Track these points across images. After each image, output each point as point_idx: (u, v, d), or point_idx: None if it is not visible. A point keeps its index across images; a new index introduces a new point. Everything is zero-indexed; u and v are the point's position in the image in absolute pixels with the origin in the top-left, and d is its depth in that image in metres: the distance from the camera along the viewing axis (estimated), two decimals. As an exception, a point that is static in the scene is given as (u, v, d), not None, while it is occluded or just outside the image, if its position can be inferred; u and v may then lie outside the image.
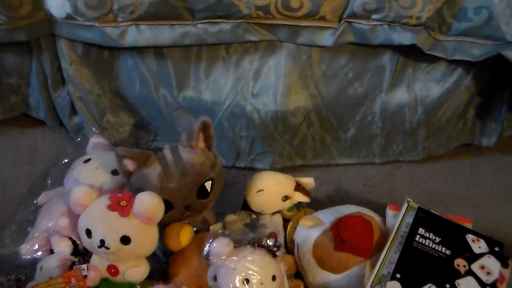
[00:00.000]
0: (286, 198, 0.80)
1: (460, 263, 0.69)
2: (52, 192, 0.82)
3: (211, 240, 0.68)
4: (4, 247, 0.77)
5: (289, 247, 0.80)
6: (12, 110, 1.01)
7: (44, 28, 0.84)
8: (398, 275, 0.67)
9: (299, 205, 0.85)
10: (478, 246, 0.72)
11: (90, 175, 0.78)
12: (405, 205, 0.76)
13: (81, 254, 0.71)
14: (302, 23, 0.81)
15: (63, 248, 0.70)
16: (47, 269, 0.68)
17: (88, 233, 0.66)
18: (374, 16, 0.80)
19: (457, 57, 0.84)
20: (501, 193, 0.98)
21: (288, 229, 0.82)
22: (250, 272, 0.64)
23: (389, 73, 0.90)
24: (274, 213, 0.82)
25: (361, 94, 0.92)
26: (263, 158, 0.98)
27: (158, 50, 0.87)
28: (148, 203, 0.66)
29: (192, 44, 0.84)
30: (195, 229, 0.76)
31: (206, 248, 0.68)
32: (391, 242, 0.71)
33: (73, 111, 0.97)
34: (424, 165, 1.03)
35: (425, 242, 0.71)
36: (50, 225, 0.75)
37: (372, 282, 0.66)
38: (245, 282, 0.64)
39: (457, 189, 0.99)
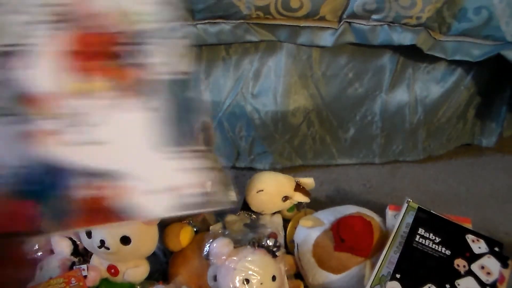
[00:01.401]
0: (286, 198, 0.80)
1: (460, 263, 0.69)
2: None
3: (211, 240, 0.68)
4: (4, 247, 0.77)
5: (289, 247, 0.80)
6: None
7: (44, 28, 0.84)
8: (398, 275, 0.67)
9: (299, 205, 0.85)
10: (478, 246, 0.72)
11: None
12: (405, 205, 0.76)
13: (81, 254, 0.71)
14: (302, 23, 0.81)
15: (63, 248, 0.70)
16: (47, 269, 0.68)
17: (88, 233, 0.66)
18: (374, 16, 0.80)
19: (457, 57, 0.84)
20: (501, 193, 0.98)
21: (288, 229, 0.82)
22: (250, 272, 0.64)
23: (389, 73, 0.90)
24: (274, 213, 0.82)
25: (361, 94, 0.92)
26: (263, 158, 0.98)
27: (158, 50, 0.87)
28: (148, 203, 0.66)
29: (192, 44, 0.84)
30: (195, 229, 0.76)
31: (206, 248, 0.68)
32: (391, 242, 0.71)
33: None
34: (424, 165, 1.03)
35: (425, 242, 0.71)
36: (50, 225, 0.75)
37: (372, 282, 0.66)
38: (245, 282, 0.64)
39: (457, 189, 0.99)
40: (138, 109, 0.32)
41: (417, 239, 0.72)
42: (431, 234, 0.72)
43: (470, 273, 0.68)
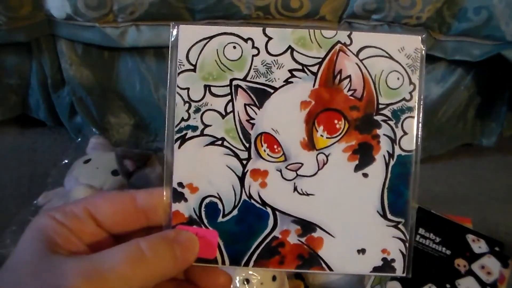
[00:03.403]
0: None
1: (460, 263, 0.69)
2: (52, 192, 0.82)
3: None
4: (5, 247, 0.77)
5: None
6: (12, 110, 1.01)
7: (44, 28, 0.84)
8: (398, 275, 0.67)
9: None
10: (478, 246, 0.72)
11: (90, 175, 0.78)
12: (405, 205, 0.76)
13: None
14: (302, 23, 0.81)
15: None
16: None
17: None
18: (374, 16, 0.80)
19: (457, 57, 0.84)
20: (502, 193, 0.98)
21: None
22: (250, 272, 0.64)
23: (389, 73, 0.90)
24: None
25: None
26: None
27: (158, 51, 0.87)
28: (148, 203, 0.66)
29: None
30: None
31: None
32: (391, 242, 0.71)
33: (73, 112, 0.97)
34: (424, 165, 1.02)
35: (425, 242, 0.71)
36: (50, 225, 0.74)
37: (372, 282, 0.66)
38: (245, 283, 0.64)
39: (457, 189, 0.99)
40: (351, 170, 0.34)
41: (417, 239, 0.72)
42: (432, 234, 0.72)
43: (470, 273, 0.68)
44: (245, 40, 0.33)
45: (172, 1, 0.78)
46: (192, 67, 0.34)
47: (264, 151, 0.33)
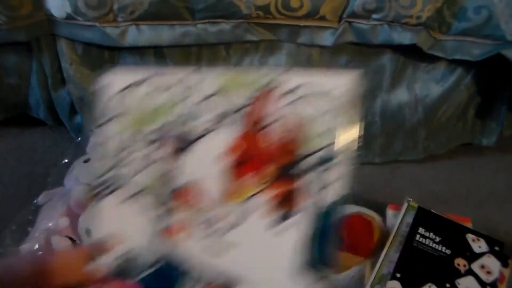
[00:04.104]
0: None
1: (460, 263, 0.69)
2: (52, 192, 0.82)
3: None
4: (5, 247, 0.77)
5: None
6: (12, 110, 1.01)
7: (44, 28, 0.84)
8: (398, 275, 0.67)
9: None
10: (478, 245, 0.72)
11: (90, 175, 0.78)
12: (405, 205, 0.76)
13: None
14: (302, 23, 0.81)
15: (63, 248, 0.70)
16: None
17: (88, 233, 0.66)
18: (374, 16, 0.80)
19: (457, 57, 0.84)
20: (501, 193, 0.98)
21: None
22: None
23: (389, 73, 0.90)
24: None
25: (361, 94, 0.92)
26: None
27: (158, 50, 0.87)
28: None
29: (192, 44, 0.84)
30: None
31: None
32: (391, 242, 0.71)
33: (73, 111, 0.97)
34: (424, 164, 1.03)
35: (425, 241, 0.71)
36: (50, 225, 0.75)
37: (372, 282, 0.66)
38: None
39: (457, 189, 0.99)
40: (277, 219, 0.32)
41: (417, 238, 0.72)
42: (432, 234, 0.72)
43: (470, 272, 0.68)
44: (175, 83, 0.33)
45: (172, 0, 0.78)
46: (121, 113, 0.33)
47: (186, 202, 0.33)
